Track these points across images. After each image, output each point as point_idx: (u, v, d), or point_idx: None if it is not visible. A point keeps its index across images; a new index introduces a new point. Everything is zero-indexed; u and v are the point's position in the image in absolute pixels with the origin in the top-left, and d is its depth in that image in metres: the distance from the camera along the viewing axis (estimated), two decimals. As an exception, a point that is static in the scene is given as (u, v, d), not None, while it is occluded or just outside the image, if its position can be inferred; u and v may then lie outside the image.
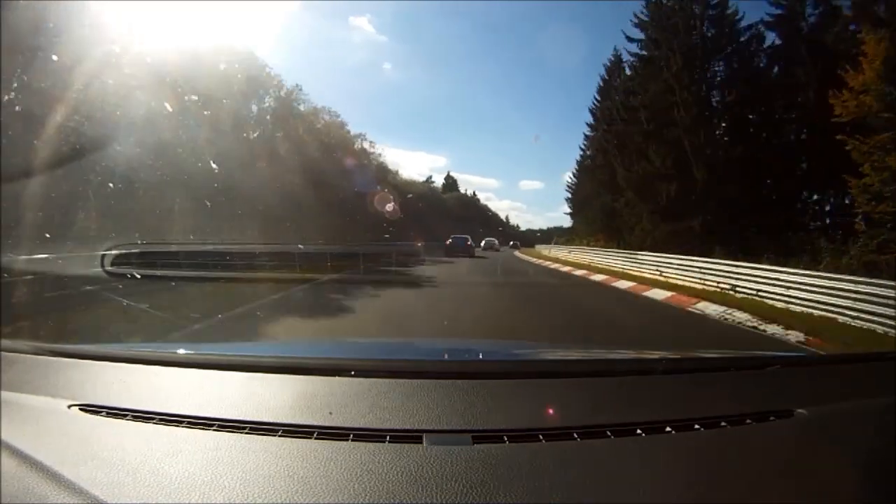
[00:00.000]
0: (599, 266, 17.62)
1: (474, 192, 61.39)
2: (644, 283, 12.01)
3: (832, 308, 7.18)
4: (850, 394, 1.35)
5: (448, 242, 24.68)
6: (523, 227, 63.80)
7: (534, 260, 25.85)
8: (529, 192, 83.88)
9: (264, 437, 1.00)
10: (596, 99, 27.89)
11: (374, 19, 59.15)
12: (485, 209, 64.04)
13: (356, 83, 54.42)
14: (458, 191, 56.96)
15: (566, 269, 18.90)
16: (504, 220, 65.90)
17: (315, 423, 1.05)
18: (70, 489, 0.83)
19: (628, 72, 23.09)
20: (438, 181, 55.66)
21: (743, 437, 1.08)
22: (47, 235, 8.75)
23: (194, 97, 14.49)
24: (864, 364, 1.69)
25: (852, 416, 1.19)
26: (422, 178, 47.34)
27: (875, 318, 6.45)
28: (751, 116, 19.05)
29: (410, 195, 32.39)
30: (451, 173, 57.16)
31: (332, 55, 48.44)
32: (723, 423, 1.09)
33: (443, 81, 64.07)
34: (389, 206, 25.85)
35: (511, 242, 45.38)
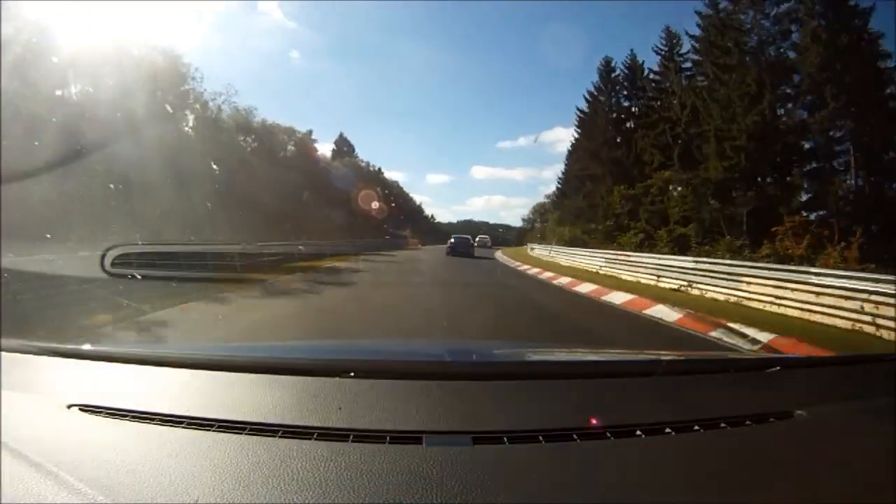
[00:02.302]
0: None
1: (380, 168, 47.13)
2: None
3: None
4: (849, 395, 1.35)
5: (450, 242, 25.77)
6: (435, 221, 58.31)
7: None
8: (436, 185, 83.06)
9: (264, 437, 1.00)
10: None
11: (285, 5, 57.27)
12: (397, 189, 49.75)
13: (260, 70, 51.06)
14: (355, 157, 42.78)
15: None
16: (418, 207, 56.09)
17: (315, 423, 1.05)
18: (70, 489, 0.83)
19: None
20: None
21: (742, 438, 1.08)
22: (48, 236, 8.76)
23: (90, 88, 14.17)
24: (863, 366, 1.69)
25: (852, 418, 1.19)
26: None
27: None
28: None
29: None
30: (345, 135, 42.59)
31: (236, 41, 46.09)
32: (722, 425, 1.09)
33: (351, 72, 62.59)
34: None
35: (486, 241, 37.41)
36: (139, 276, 6.96)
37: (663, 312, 8.09)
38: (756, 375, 1.48)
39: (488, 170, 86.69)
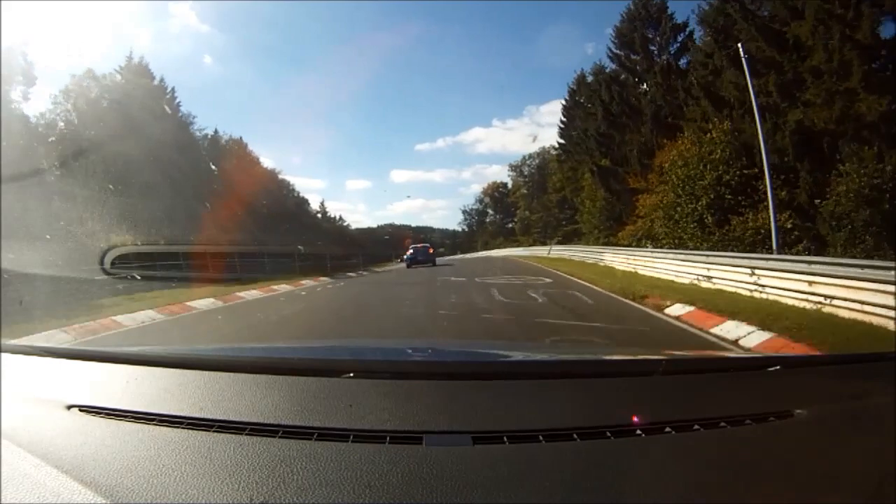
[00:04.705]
0: None
1: (241, 138, 32.26)
2: None
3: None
4: (849, 394, 1.34)
5: (409, 252, 22.91)
6: (353, 227, 50.93)
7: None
8: (357, 191, 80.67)
9: (264, 437, 1.00)
10: None
11: (198, 6, 51.19)
12: (266, 173, 32.78)
13: (169, 77, 47.41)
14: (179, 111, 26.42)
15: None
16: (319, 209, 44.15)
17: (315, 424, 1.05)
18: (70, 489, 0.83)
19: None
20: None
21: (742, 437, 1.08)
22: (48, 237, 8.76)
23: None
24: (863, 364, 1.69)
25: (852, 417, 1.19)
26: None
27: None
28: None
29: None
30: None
31: (147, 47, 42.63)
32: (722, 424, 1.09)
33: (266, 78, 60.06)
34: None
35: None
36: (138, 277, 6.97)
37: None
38: (756, 374, 1.47)
39: (408, 173, 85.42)
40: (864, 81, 13.10)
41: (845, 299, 6.70)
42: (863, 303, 6.41)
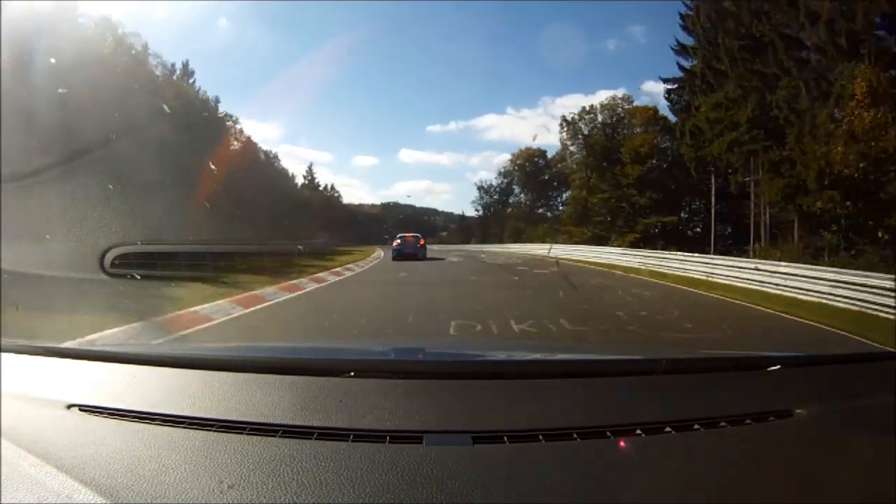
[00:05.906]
0: None
1: (188, 69, 24.24)
2: None
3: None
4: (850, 393, 1.35)
5: (397, 243, 20.76)
6: (355, 203, 48.38)
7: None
8: (363, 168, 75.98)
9: (264, 437, 1.01)
10: None
11: None
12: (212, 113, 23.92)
13: (185, 41, 44.61)
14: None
15: None
16: (306, 174, 39.70)
17: (315, 423, 1.05)
18: (70, 489, 0.83)
19: None
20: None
21: (743, 437, 1.08)
22: (47, 237, 8.73)
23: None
24: (864, 364, 1.69)
25: (852, 416, 1.19)
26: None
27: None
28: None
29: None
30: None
31: (163, 11, 40.11)
32: (722, 424, 1.09)
33: (280, 45, 57.77)
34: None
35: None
36: (138, 276, 6.97)
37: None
38: (756, 374, 1.47)
39: (417, 153, 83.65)
40: None
41: None
42: None
